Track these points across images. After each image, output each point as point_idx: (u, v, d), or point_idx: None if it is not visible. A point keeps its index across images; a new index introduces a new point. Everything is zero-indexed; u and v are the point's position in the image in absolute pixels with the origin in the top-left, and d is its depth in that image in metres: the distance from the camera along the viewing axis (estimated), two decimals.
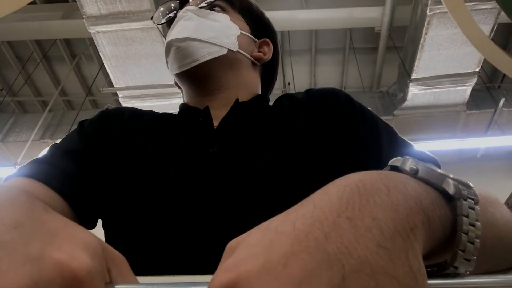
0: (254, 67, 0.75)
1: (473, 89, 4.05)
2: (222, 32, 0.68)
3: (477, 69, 3.81)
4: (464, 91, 4.02)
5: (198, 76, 0.67)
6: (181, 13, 0.70)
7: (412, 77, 3.87)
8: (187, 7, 0.70)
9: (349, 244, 0.22)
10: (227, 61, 0.68)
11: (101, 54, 3.51)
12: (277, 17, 4.04)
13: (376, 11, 3.95)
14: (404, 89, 4.10)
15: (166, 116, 0.69)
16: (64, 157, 0.56)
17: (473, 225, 0.29)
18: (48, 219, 0.29)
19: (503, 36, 4.49)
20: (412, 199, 0.27)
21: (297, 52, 4.86)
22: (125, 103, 3.98)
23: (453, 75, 3.84)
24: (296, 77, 4.71)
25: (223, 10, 0.72)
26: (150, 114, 0.69)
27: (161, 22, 0.77)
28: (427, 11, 3.34)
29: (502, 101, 4.06)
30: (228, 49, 0.67)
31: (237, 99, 0.66)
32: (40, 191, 0.50)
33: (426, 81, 3.90)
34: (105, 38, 3.37)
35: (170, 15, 0.75)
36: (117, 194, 0.55)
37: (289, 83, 5.01)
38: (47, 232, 0.27)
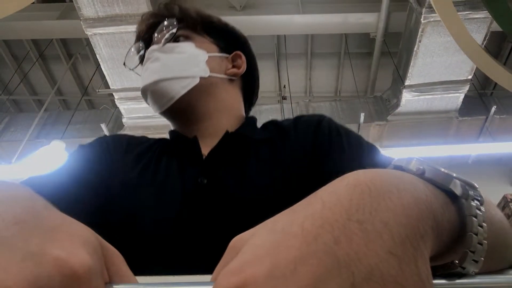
0: (232, 84, 0.75)
1: (465, 96, 4.10)
2: (190, 63, 0.69)
3: (470, 77, 3.86)
4: (456, 98, 4.07)
5: (179, 111, 0.69)
6: (147, 54, 0.71)
7: (405, 84, 3.92)
8: (152, 47, 0.71)
9: (359, 250, 0.22)
10: (203, 89, 0.69)
11: (97, 56, 3.52)
12: (274, 21, 4.07)
13: (371, 17, 3.99)
14: (397, 95, 4.14)
15: (160, 144, 0.70)
16: (60, 173, 0.58)
17: (481, 226, 0.28)
18: (48, 216, 0.28)
19: (496, 44, 4.56)
20: (423, 203, 0.26)
21: (293, 55, 4.90)
22: (121, 105, 4.00)
23: (446, 82, 3.89)
24: (291, 80, 4.75)
25: (187, 38, 0.72)
26: (145, 142, 0.71)
27: (133, 67, 0.78)
28: (421, 19, 3.38)
29: (493, 109, 4.12)
30: (200, 77, 0.68)
31: (227, 131, 0.66)
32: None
33: (419, 88, 3.95)
34: (102, 40, 3.38)
35: (140, 54, 0.77)
36: (108, 220, 0.56)
37: (284, 86, 5.05)
38: (47, 228, 0.26)
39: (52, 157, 3.48)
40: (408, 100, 4.06)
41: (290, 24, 4.08)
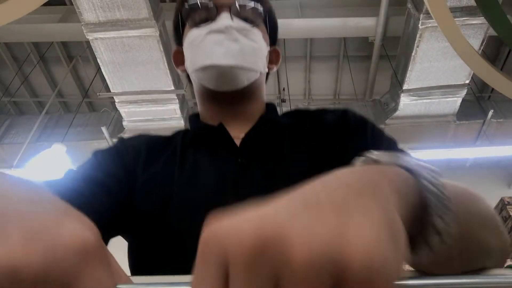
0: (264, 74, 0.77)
1: (463, 100, 4.13)
2: (259, 55, 0.70)
3: (467, 81, 3.89)
4: (454, 102, 4.11)
5: (231, 98, 0.70)
6: (222, 25, 0.66)
7: (403, 88, 3.95)
8: (230, 23, 0.66)
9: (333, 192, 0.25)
10: (258, 83, 0.72)
11: (98, 60, 3.54)
12: None
13: (370, 21, 4.02)
14: (396, 99, 4.17)
15: (179, 136, 0.71)
16: (85, 184, 0.57)
17: (441, 199, 0.31)
18: (58, 200, 0.30)
19: (494, 48, 4.58)
20: (384, 171, 0.30)
21: (292, 58, 4.92)
22: (121, 108, 4.02)
23: (444, 87, 3.92)
24: (290, 83, 4.77)
25: (256, 23, 0.70)
26: (162, 138, 0.72)
27: (198, 22, 0.70)
28: (419, 25, 3.41)
29: (490, 113, 4.15)
30: (260, 72, 0.71)
31: (262, 116, 0.70)
32: None
33: (417, 92, 3.98)
34: (103, 44, 3.41)
35: (208, 11, 0.69)
36: (146, 217, 0.58)
37: (284, 89, 5.07)
38: (59, 208, 0.28)
39: (54, 160, 3.51)
40: (406, 104, 4.09)
41: (289, 28, 4.11)
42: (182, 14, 0.71)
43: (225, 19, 0.66)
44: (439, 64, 3.71)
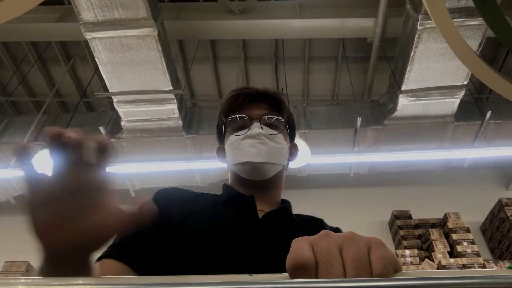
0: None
1: (461, 101, 4.13)
2: (281, 153, 0.92)
3: (465, 82, 3.90)
4: (452, 103, 4.11)
5: (259, 185, 0.91)
6: (255, 132, 0.89)
7: (402, 89, 3.95)
8: (260, 130, 0.90)
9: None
10: (280, 173, 0.94)
11: (96, 60, 3.54)
12: (272, 26, 4.10)
13: (368, 22, 4.02)
14: (394, 100, 4.18)
15: (213, 196, 0.92)
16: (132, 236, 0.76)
17: None
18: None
19: (492, 49, 4.59)
20: None
21: (291, 59, 4.92)
22: (119, 108, 4.02)
23: (442, 88, 3.93)
24: (289, 83, 4.77)
25: (279, 129, 0.93)
26: (200, 195, 0.92)
27: (232, 131, 0.94)
28: (418, 26, 3.41)
29: (488, 114, 4.15)
30: (282, 164, 0.93)
31: (285, 207, 0.91)
32: (112, 265, 0.73)
33: (415, 93, 3.98)
34: (101, 44, 3.40)
35: (243, 122, 0.93)
36: (178, 260, 0.75)
37: (282, 90, 5.07)
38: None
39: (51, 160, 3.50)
40: (405, 105, 4.10)
41: (288, 28, 4.11)
42: (225, 123, 0.95)
43: (256, 128, 0.90)
44: (438, 65, 3.72)
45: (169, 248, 0.76)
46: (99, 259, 0.74)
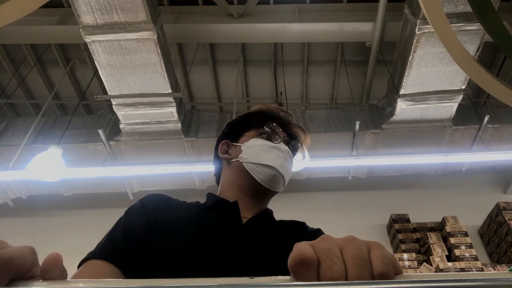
0: None
1: (459, 105, 4.14)
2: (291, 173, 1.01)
3: (463, 87, 3.92)
4: (450, 107, 4.13)
5: (266, 195, 0.97)
6: (285, 148, 0.98)
7: (400, 93, 3.96)
8: (291, 152, 1.01)
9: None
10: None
11: (96, 63, 3.54)
12: (271, 29, 4.11)
13: (367, 26, 4.04)
14: (392, 104, 4.19)
15: (197, 205, 0.95)
16: (121, 237, 0.80)
17: None
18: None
19: (490, 54, 4.62)
20: None
21: (289, 63, 4.94)
22: (118, 110, 4.02)
23: (440, 92, 3.94)
24: (288, 87, 4.78)
25: (295, 155, 1.04)
26: (182, 204, 0.95)
27: (278, 140, 1.01)
28: (416, 30, 3.43)
29: (486, 118, 4.17)
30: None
31: (267, 213, 0.96)
32: (101, 265, 0.75)
33: (413, 97, 4.00)
34: (100, 47, 3.40)
35: (285, 138, 1.03)
36: (162, 263, 0.76)
37: (281, 93, 5.08)
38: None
39: (50, 162, 3.49)
40: (403, 109, 4.11)
41: (287, 32, 4.13)
42: (266, 127, 1.00)
43: (286, 147, 0.99)
44: (436, 69, 3.73)
45: (155, 252, 0.78)
46: (87, 259, 0.76)
